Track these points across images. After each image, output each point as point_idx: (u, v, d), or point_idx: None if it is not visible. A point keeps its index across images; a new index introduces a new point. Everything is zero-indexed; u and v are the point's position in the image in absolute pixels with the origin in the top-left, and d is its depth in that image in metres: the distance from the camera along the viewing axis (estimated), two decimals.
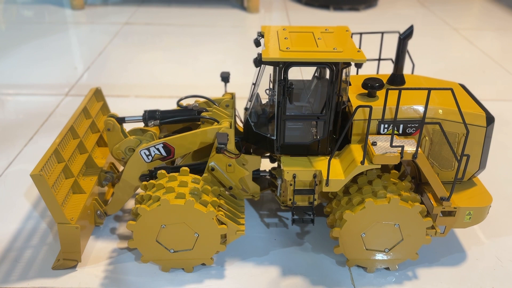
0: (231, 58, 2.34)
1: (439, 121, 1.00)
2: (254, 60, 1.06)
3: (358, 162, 1.00)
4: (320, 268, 1.13)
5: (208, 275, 1.11)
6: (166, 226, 1.03)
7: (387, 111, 1.02)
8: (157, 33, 2.73)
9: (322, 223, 1.24)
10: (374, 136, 1.04)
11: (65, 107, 1.86)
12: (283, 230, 1.24)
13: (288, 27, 1.12)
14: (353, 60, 0.98)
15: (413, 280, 1.10)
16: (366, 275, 1.11)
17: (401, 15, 3.18)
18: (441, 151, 1.06)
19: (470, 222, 1.08)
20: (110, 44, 2.54)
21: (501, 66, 2.37)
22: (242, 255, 1.16)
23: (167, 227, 1.03)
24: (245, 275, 1.11)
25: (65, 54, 2.41)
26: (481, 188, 1.12)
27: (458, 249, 1.20)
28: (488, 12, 3.31)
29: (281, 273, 1.12)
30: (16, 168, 1.48)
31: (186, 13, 3.09)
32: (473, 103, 1.09)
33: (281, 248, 1.19)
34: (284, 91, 1.01)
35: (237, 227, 1.08)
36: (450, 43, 2.71)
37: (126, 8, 3.15)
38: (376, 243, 1.08)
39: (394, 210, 1.02)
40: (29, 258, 1.14)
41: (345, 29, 1.12)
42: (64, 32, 2.75)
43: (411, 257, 1.10)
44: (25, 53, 2.40)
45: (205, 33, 2.73)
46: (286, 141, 1.08)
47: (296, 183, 1.07)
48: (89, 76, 2.16)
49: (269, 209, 1.31)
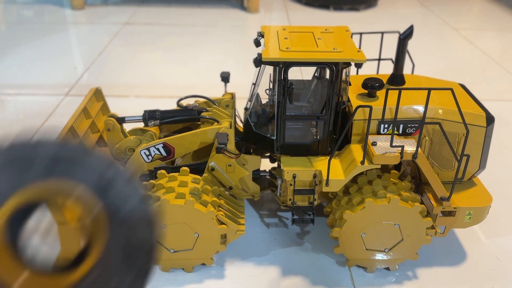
0: (231, 58, 2.34)
1: (439, 121, 1.00)
2: (254, 60, 1.06)
3: (358, 162, 1.00)
4: (320, 268, 1.13)
5: (208, 275, 1.11)
6: (166, 226, 1.03)
7: (387, 111, 1.02)
8: (157, 33, 2.73)
9: (322, 223, 1.24)
10: (374, 136, 1.04)
11: (65, 107, 1.86)
12: (283, 230, 1.24)
13: (288, 27, 1.12)
14: (353, 60, 0.98)
15: (413, 280, 1.10)
16: (366, 275, 1.11)
17: (401, 15, 3.18)
18: (441, 151, 1.06)
19: (470, 222, 1.08)
20: (110, 44, 2.54)
21: (501, 66, 2.37)
22: (242, 255, 1.16)
23: (167, 227, 1.03)
24: (245, 275, 1.11)
25: (65, 54, 2.41)
26: (481, 188, 1.12)
27: (458, 249, 1.20)
28: (488, 12, 3.31)
29: (281, 273, 1.12)
30: None
31: (186, 13, 3.08)
32: (473, 103, 1.09)
33: (281, 248, 1.19)
34: (284, 91, 1.01)
35: (237, 227, 1.08)
36: (450, 43, 2.71)
37: (126, 8, 3.15)
38: (376, 243, 1.08)
39: (394, 210, 1.02)
40: None
41: (345, 29, 1.12)
42: (64, 32, 2.74)
43: (411, 257, 1.10)
44: (25, 53, 2.40)
45: (205, 33, 2.73)
46: (286, 141, 1.08)
47: (296, 183, 1.07)
48: (89, 76, 2.16)
49: (269, 209, 1.31)
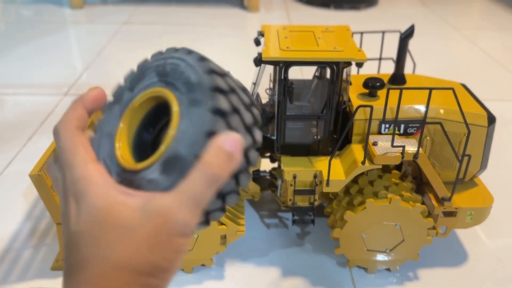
0: (231, 58, 2.33)
1: (441, 121, 0.99)
2: (254, 60, 1.05)
3: (359, 162, 0.99)
4: (321, 269, 1.12)
5: (207, 276, 1.10)
6: None
7: (388, 111, 1.02)
8: (156, 32, 2.72)
9: (322, 224, 1.23)
10: (375, 136, 1.03)
11: (64, 107, 1.85)
12: (283, 230, 1.24)
13: (289, 26, 1.11)
14: (354, 59, 0.97)
15: (414, 281, 1.10)
16: (367, 276, 1.11)
17: (402, 14, 3.17)
18: (443, 151, 1.05)
19: (471, 222, 1.07)
20: (109, 43, 2.54)
21: (503, 65, 2.36)
22: (242, 256, 1.16)
23: None
24: (245, 276, 1.10)
25: (64, 54, 2.41)
26: (482, 188, 1.11)
27: (459, 250, 1.19)
28: (489, 12, 3.30)
29: (281, 274, 1.11)
30: (14, 168, 1.47)
31: (185, 12, 3.08)
32: (475, 103, 1.08)
33: (281, 249, 1.18)
34: (284, 91, 1.00)
35: (237, 228, 1.07)
36: (451, 42, 2.70)
37: (125, 7, 3.14)
38: (377, 244, 1.07)
39: (395, 211, 1.02)
40: (28, 258, 1.13)
41: (346, 28, 1.11)
42: (63, 31, 2.74)
43: (412, 257, 1.09)
44: (23, 53, 2.39)
45: (204, 32, 2.73)
46: (287, 141, 1.07)
47: (297, 183, 1.06)
48: (88, 75, 2.15)
49: (269, 210, 1.31)
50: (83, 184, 0.45)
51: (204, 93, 0.46)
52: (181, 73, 0.49)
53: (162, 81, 0.50)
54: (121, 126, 0.51)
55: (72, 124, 0.50)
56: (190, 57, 0.50)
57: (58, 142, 0.49)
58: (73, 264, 0.45)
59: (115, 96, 0.55)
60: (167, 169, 0.46)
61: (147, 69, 0.53)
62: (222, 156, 0.44)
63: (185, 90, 0.48)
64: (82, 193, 0.45)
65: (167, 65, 0.51)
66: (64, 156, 0.48)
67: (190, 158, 0.45)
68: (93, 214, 0.44)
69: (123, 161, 0.49)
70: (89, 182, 0.45)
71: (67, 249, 0.46)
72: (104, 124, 0.53)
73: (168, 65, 0.51)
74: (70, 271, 0.45)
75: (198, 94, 0.47)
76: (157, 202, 0.43)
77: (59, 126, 0.50)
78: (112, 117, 0.53)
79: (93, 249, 0.43)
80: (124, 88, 0.54)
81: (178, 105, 0.48)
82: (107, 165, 0.49)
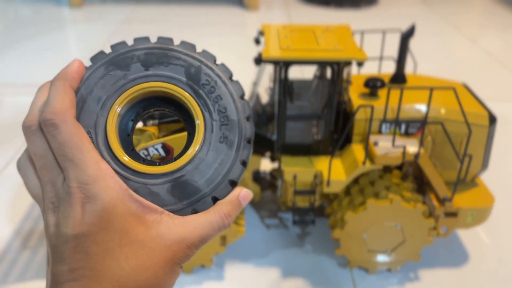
0: (231, 57, 2.32)
1: (442, 121, 0.98)
2: (254, 59, 1.05)
3: (360, 162, 0.99)
4: (321, 270, 1.12)
5: (207, 276, 1.09)
6: None
7: (388, 111, 1.01)
8: (156, 31, 2.72)
9: (323, 224, 1.23)
10: (376, 136, 1.02)
11: None
12: (283, 231, 1.23)
13: (289, 26, 1.11)
14: (355, 59, 0.97)
15: (415, 282, 1.09)
16: (368, 277, 1.10)
17: (402, 13, 3.16)
18: (444, 151, 1.05)
19: (472, 222, 1.06)
20: (109, 42, 2.53)
21: (504, 65, 2.36)
22: (242, 256, 1.15)
23: None
24: (245, 276, 1.10)
25: (63, 53, 2.40)
26: (483, 188, 1.10)
27: (460, 250, 1.19)
28: (491, 11, 3.30)
29: (282, 275, 1.10)
30: (14, 168, 1.47)
31: (184, 11, 3.07)
32: (476, 103, 1.08)
33: (282, 249, 1.17)
34: (284, 90, 0.99)
35: (236, 228, 1.06)
36: (452, 42, 2.69)
37: (124, 6, 3.14)
38: (378, 244, 1.07)
39: (396, 211, 1.01)
40: (28, 259, 1.13)
41: (346, 28, 1.11)
42: (62, 30, 2.73)
43: (413, 258, 1.09)
44: (22, 52, 2.38)
45: (204, 31, 2.72)
46: (287, 141, 1.06)
47: (297, 184, 1.06)
48: None
49: (269, 210, 1.30)
50: (97, 186, 0.43)
51: (239, 138, 0.48)
52: (218, 96, 0.49)
53: (189, 85, 0.50)
54: (117, 110, 0.49)
55: (70, 114, 0.45)
56: (223, 74, 0.51)
57: (57, 136, 0.44)
58: (74, 270, 0.42)
59: (94, 61, 0.54)
60: (176, 192, 0.47)
61: (150, 55, 0.55)
62: (238, 210, 0.49)
63: (217, 117, 0.49)
64: (95, 196, 0.42)
65: (202, 73, 0.50)
66: (66, 152, 0.43)
67: (206, 194, 0.47)
68: (104, 218, 0.42)
69: (117, 151, 0.47)
70: (103, 185, 0.43)
71: (58, 254, 0.43)
72: (85, 89, 0.51)
73: (203, 72, 0.50)
74: (63, 279, 0.42)
75: (232, 135, 0.48)
76: (178, 231, 0.46)
77: (56, 118, 0.44)
78: (93, 84, 0.51)
79: (105, 257, 0.42)
80: (109, 56, 0.54)
81: (204, 124, 0.48)
82: (91, 137, 0.47)
